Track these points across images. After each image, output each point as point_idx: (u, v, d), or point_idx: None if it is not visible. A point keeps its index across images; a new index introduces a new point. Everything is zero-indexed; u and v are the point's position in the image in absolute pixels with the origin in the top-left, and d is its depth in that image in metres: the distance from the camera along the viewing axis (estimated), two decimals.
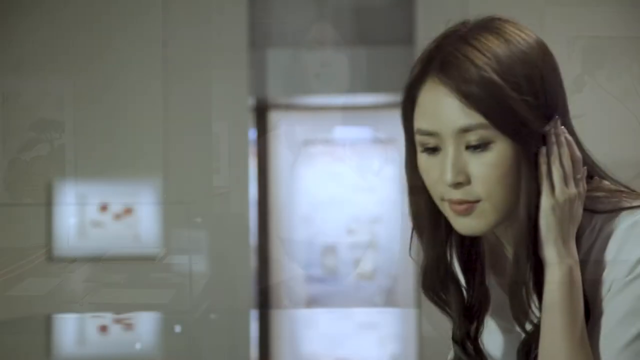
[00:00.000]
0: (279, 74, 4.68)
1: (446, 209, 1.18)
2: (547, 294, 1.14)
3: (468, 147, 1.14)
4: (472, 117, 1.13)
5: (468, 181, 1.15)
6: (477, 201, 1.15)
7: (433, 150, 1.17)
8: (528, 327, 1.18)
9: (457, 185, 1.15)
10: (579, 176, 1.16)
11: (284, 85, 4.68)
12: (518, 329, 1.19)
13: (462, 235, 1.21)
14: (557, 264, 1.13)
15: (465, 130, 1.13)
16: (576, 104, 1.29)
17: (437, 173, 1.17)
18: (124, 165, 4.24)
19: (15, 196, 4.21)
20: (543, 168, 1.14)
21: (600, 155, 1.28)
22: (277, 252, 4.60)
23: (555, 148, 1.15)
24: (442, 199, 1.18)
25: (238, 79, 4.29)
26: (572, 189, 1.14)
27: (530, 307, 1.16)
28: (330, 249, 4.62)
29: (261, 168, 4.65)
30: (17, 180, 4.21)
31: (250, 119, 4.46)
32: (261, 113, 4.71)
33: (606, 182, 1.25)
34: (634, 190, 1.25)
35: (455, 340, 1.27)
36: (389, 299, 4.53)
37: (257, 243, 4.56)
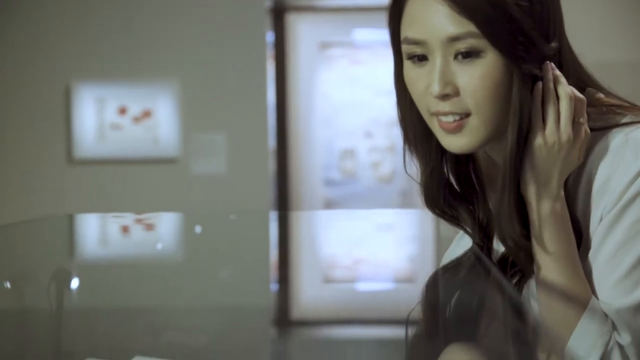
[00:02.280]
0: None
1: (435, 126, 1.14)
2: (531, 229, 1.12)
3: (457, 57, 1.09)
4: (462, 25, 1.07)
5: (456, 93, 1.10)
6: (467, 116, 1.10)
7: (420, 59, 1.12)
8: (513, 247, 1.14)
9: (444, 97, 1.10)
10: (581, 119, 1.09)
11: None
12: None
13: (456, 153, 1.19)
14: (534, 202, 1.10)
15: (455, 38, 1.08)
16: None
17: (424, 84, 1.12)
18: (143, 68, 4.23)
19: (35, 99, 4.22)
20: (537, 102, 1.09)
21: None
22: (295, 155, 4.61)
23: (551, 85, 1.09)
24: (430, 113, 1.13)
25: None
26: (566, 133, 1.08)
27: (512, 232, 1.12)
28: (349, 152, 4.63)
29: (279, 71, 4.62)
30: (36, 82, 4.21)
31: (267, 21, 4.41)
32: (279, 15, 4.65)
33: (600, 95, 1.19)
34: (631, 104, 1.19)
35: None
36: (407, 201, 4.56)
37: (276, 146, 4.57)
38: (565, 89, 1.10)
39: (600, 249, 1.10)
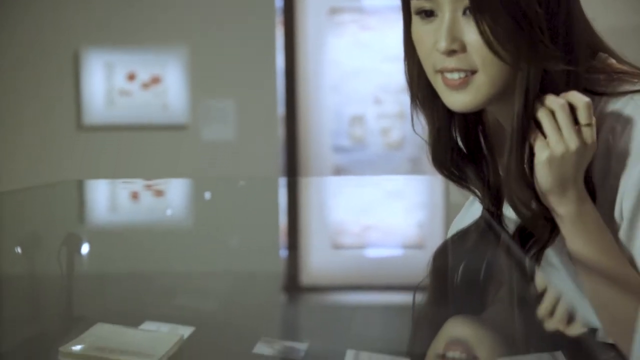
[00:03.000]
0: None
1: (439, 84, 1.13)
2: (565, 239, 1.10)
3: (465, 12, 1.08)
4: None
5: (463, 49, 1.08)
6: (472, 73, 1.09)
7: (428, 14, 1.11)
8: (525, 213, 1.13)
9: (451, 53, 1.09)
10: (589, 122, 1.05)
11: None
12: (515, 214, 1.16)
13: (464, 114, 1.17)
14: (557, 208, 1.08)
15: None
16: None
17: (431, 41, 1.11)
18: (152, 34, 4.21)
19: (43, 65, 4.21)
20: (542, 114, 1.06)
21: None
22: (304, 121, 4.60)
23: (551, 98, 1.06)
24: (436, 70, 1.12)
25: None
26: (573, 141, 1.04)
27: (522, 196, 1.11)
28: (358, 119, 4.61)
29: (288, 37, 4.59)
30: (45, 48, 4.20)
31: None
32: None
33: (612, 61, 1.17)
34: None
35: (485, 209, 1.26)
36: (416, 168, 4.55)
37: (285, 112, 4.55)
38: (556, 101, 1.07)
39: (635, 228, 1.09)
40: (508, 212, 1.23)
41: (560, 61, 1.08)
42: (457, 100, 1.11)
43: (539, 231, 1.14)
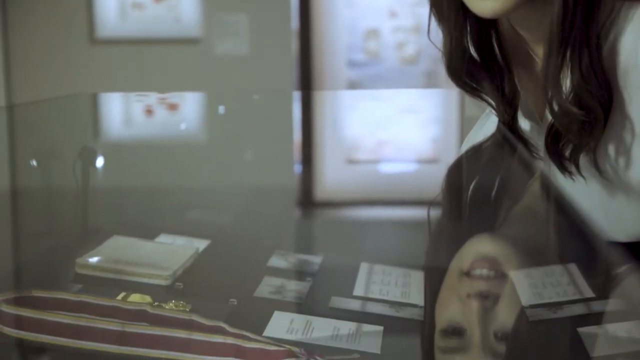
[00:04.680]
0: None
1: None
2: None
3: None
4: None
5: None
6: None
7: None
8: (561, 118, 1.12)
9: None
10: None
11: None
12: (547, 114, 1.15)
13: (478, 23, 1.15)
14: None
15: None
16: None
17: None
18: None
19: None
20: None
21: None
22: (318, 35, 4.55)
23: None
24: None
25: None
26: None
27: (559, 98, 1.11)
28: (372, 33, 4.55)
29: None
30: None
31: None
32: None
33: None
34: None
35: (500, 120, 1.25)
36: (431, 83, 4.51)
37: (299, 26, 4.50)
38: None
39: None
40: (523, 124, 1.22)
41: None
42: (487, 7, 1.09)
43: (573, 131, 1.12)
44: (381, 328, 0.82)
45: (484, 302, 0.84)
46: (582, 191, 1.15)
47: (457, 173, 1.34)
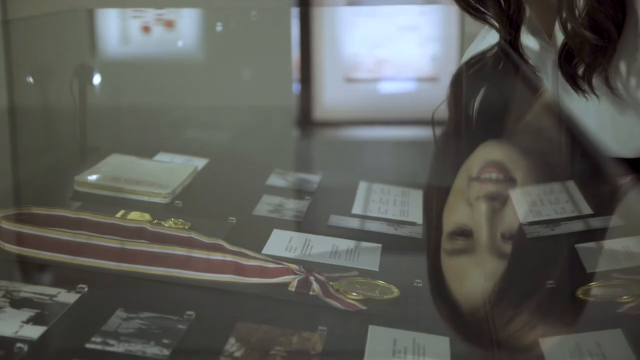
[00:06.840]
0: None
1: None
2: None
3: None
4: None
5: None
6: None
7: None
8: (575, 39, 1.11)
9: None
10: None
11: None
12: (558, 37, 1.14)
13: None
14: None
15: None
16: None
17: None
18: None
19: None
20: None
21: None
22: None
23: None
24: None
25: None
26: None
27: (572, 18, 1.09)
28: None
29: None
30: None
31: None
32: None
33: None
34: None
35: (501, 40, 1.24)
36: None
37: None
38: None
39: None
40: (528, 41, 1.21)
41: None
42: None
43: (585, 52, 1.10)
44: (379, 246, 0.83)
45: (492, 204, 0.84)
46: (591, 109, 1.14)
47: (459, 86, 1.33)
